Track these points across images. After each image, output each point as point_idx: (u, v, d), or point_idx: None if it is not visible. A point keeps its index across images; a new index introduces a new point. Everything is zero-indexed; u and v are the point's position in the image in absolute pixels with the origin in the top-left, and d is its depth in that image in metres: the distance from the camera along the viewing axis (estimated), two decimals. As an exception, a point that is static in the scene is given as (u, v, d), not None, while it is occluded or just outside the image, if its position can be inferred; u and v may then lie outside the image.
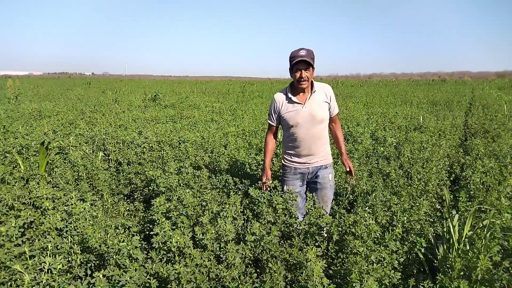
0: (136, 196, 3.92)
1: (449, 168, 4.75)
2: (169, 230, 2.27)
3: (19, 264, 1.91)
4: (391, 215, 2.85)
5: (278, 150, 4.69)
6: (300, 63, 2.55)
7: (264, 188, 2.88)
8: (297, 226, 2.58)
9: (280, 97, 2.78)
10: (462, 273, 2.16)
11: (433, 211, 3.25)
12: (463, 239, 2.47)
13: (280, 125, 2.90)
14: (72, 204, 2.74)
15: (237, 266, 2.09)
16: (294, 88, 2.73)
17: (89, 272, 2.21)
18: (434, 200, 3.41)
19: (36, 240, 2.38)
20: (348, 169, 2.92)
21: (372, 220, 2.36)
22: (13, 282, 1.92)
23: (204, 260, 2.10)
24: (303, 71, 2.56)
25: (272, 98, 2.86)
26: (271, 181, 2.91)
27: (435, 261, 2.48)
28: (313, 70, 2.63)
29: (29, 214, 2.61)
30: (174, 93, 18.41)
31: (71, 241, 2.35)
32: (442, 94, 17.50)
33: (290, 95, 2.71)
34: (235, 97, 16.40)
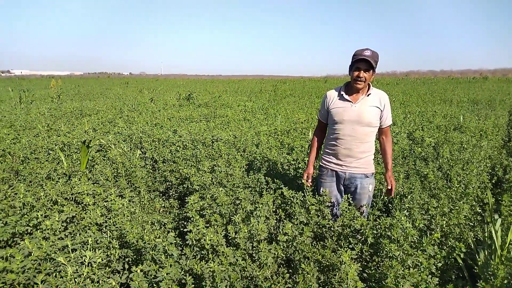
0: (171, 193, 4.02)
1: (490, 170, 4.53)
2: (203, 227, 2.31)
3: (62, 256, 2.01)
4: (429, 218, 2.75)
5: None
6: (361, 62, 2.49)
7: (305, 185, 2.85)
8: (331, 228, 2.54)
9: (332, 93, 2.75)
10: (506, 281, 2.06)
11: (474, 215, 3.12)
12: (507, 245, 2.35)
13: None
14: (111, 200, 2.85)
15: (269, 265, 2.10)
16: (349, 87, 2.67)
17: (126, 266, 2.29)
18: (474, 203, 3.27)
19: (78, 234, 2.49)
20: (390, 187, 2.74)
21: (409, 223, 2.29)
22: (57, 273, 2.03)
23: (237, 259, 2.12)
24: (362, 71, 2.50)
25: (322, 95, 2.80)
26: (310, 179, 2.87)
27: (475, 267, 2.37)
28: (373, 73, 2.55)
29: (71, 209, 2.74)
30: (207, 92, 18.68)
31: (110, 236, 2.45)
32: (484, 92, 16.74)
33: (343, 93, 2.66)
34: (267, 96, 16.41)
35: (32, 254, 2.05)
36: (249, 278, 2.11)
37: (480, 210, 3.27)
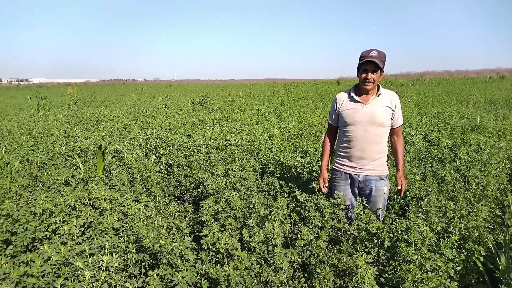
0: (185, 198, 4.05)
1: (510, 172, 4.42)
2: (218, 232, 2.32)
3: (80, 261, 2.04)
4: (446, 221, 2.70)
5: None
6: (368, 63, 2.47)
7: (322, 190, 2.82)
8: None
9: (342, 96, 2.73)
10: (528, 286, 2.00)
11: (493, 218, 3.05)
12: (530, 249, 2.29)
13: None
14: (127, 205, 2.88)
15: (285, 270, 2.09)
16: (359, 88, 2.66)
17: (143, 270, 2.31)
18: (493, 205, 3.19)
19: (95, 239, 2.53)
20: (400, 187, 2.73)
21: (426, 226, 2.25)
22: (75, 278, 2.06)
23: (252, 263, 2.12)
24: (369, 72, 2.49)
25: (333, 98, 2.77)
26: (327, 184, 2.84)
27: (496, 271, 2.31)
28: (381, 73, 2.53)
29: (89, 214, 2.78)
30: (220, 97, 18.75)
31: (126, 241, 2.48)
32: (501, 92, 16.42)
33: (352, 94, 2.64)
34: (280, 99, 16.39)
35: (51, 258, 2.10)
36: (264, 282, 2.10)
37: (500, 213, 3.19)
